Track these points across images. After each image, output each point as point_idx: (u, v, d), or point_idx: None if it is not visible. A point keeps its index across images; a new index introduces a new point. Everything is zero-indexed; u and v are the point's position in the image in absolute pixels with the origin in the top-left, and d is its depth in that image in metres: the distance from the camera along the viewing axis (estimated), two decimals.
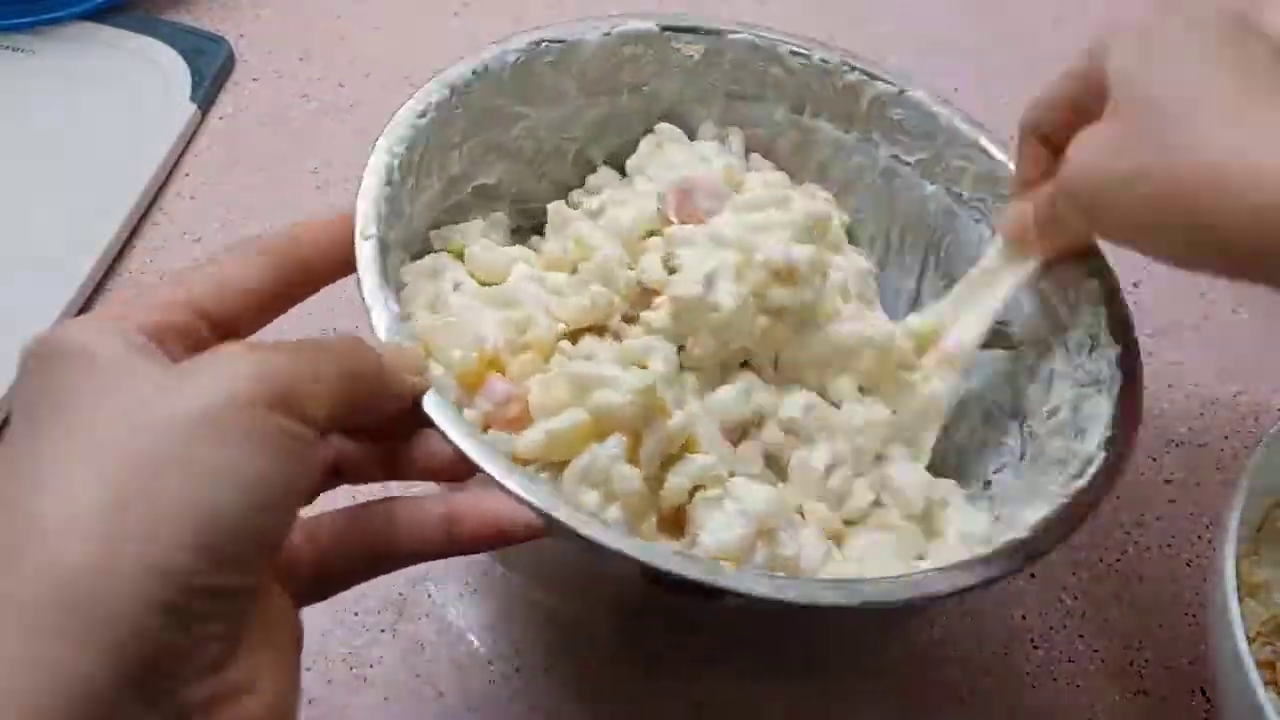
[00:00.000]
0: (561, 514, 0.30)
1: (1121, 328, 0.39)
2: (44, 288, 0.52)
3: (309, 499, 0.26)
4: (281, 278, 0.31)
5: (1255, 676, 0.35)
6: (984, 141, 0.44)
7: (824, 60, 0.45)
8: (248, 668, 0.24)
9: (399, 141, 0.39)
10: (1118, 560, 0.46)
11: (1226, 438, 0.50)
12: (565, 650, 0.43)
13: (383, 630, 0.44)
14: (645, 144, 0.47)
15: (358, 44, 0.65)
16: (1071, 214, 0.35)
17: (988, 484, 0.41)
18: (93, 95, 0.61)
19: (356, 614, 0.44)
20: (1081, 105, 0.35)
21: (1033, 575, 0.45)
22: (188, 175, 0.59)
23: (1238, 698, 0.36)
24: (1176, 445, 0.49)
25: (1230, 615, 0.36)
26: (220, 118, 0.62)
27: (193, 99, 0.61)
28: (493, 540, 0.30)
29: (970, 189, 0.44)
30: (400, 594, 0.44)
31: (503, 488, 0.30)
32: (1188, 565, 0.46)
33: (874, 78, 0.45)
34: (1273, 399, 0.51)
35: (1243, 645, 0.35)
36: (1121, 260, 0.55)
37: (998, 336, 0.43)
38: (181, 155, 0.60)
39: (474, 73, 0.42)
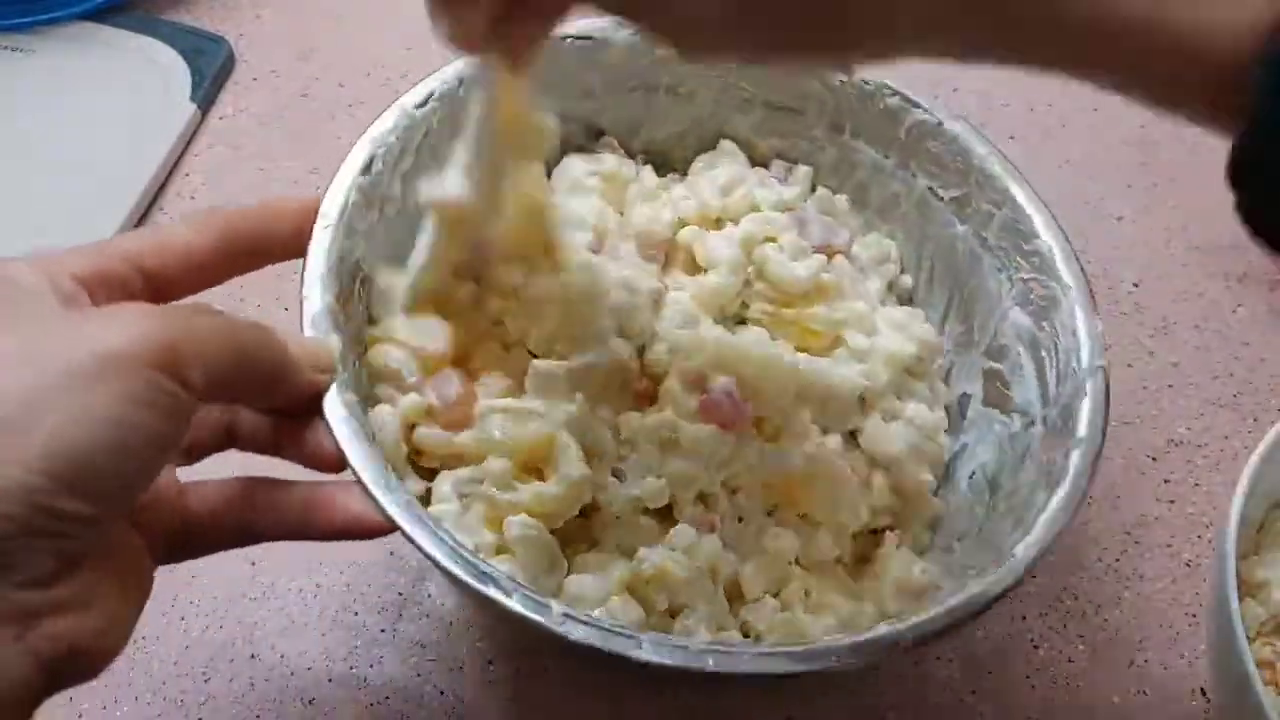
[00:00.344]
0: (405, 521, 0.31)
1: (1093, 415, 0.36)
2: None
3: (188, 459, 0.28)
4: (225, 244, 0.33)
5: (1255, 676, 0.35)
6: (1013, 189, 0.42)
7: (864, 81, 0.44)
8: (82, 590, 0.26)
9: (388, 131, 0.40)
10: (1117, 560, 0.46)
11: (1226, 438, 0.50)
12: (565, 650, 0.43)
13: (383, 630, 0.44)
14: (700, 161, 0.47)
15: (358, 44, 0.65)
16: None
17: (950, 549, 0.40)
18: (93, 95, 0.61)
19: (356, 614, 0.44)
20: None
21: (1033, 575, 0.45)
22: (188, 175, 0.59)
23: (1238, 698, 0.36)
24: (1176, 445, 0.49)
25: (1230, 615, 0.36)
26: (220, 118, 0.62)
27: (193, 99, 0.61)
28: (341, 532, 0.33)
29: (995, 236, 0.42)
30: (400, 594, 0.44)
31: (363, 487, 0.32)
32: (1187, 565, 0.46)
33: (913, 104, 0.44)
34: (1273, 399, 0.51)
35: (1243, 645, 0.35)
36: (1121, 261, 0.55)
37: (1000, 397, 0.41)
38: (181, 155, 0.60)
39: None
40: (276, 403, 0.33)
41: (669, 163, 0.48)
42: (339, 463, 0.33)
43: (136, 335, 0.26)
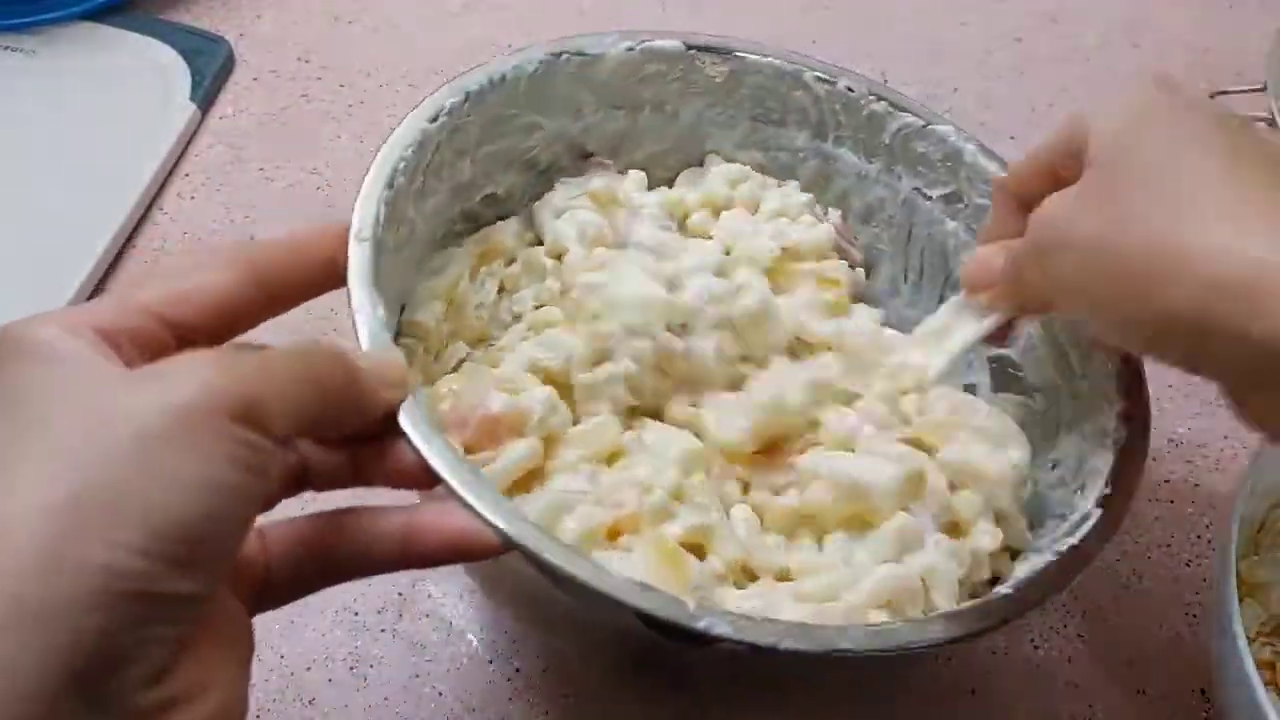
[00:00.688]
0: (522, 535, 0.29)
1: (1133, 380, 0.38)
2: (45, 288, 0.52)
3: (265, 508, 0.26)
4: (253, 290, 0.30)
5: (1255, 676, 0.35)
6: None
7: (849, 88, 0.45)
8: (197, 674, 0.24)
9: (406, 145, 0.39)
10: (1118, 560, 0.46)
11: (1226, 437, 0.50)
12: (565, 650, 0.43)
13: (383, 630, 0.44)
14: (686, 175, 0.48)
15: (358, 44, 0.66)
16: (1033, 272, 0.34)
17: None
18: (93, 95, 0.61)
19: (357, 614, 0.44)
20: (1058, 171, 0.34)
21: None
22: (188, 175, 0.59)
23: (1238, 698, 0.36)
24: (1176, 445, 0.49)
25: (1230, 615, 0.36)
26: (220, 118, 0.62)
27: (193, 99, 0.61)
28: (450, 556, 0.30)
29: None
30: (400, 594, 0.44)
31: (464, 503, 0.30)
32: (1187, 565, 0.46)
33: (899, 109, 0.44)
34: None
35: (1243, 645, 0.35)
36: None
37: (1010, 380, 0.42)
38: (181, 155, 0.60)
39: (490, 81, 0.42)
40: (351, 430, 0.30)
41: (650, 182, 0.48)
42: (429, 477, 0.30)
43: (206, 386, 0.24)
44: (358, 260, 0.34)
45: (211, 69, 0.62)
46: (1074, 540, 0.34)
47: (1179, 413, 0.50)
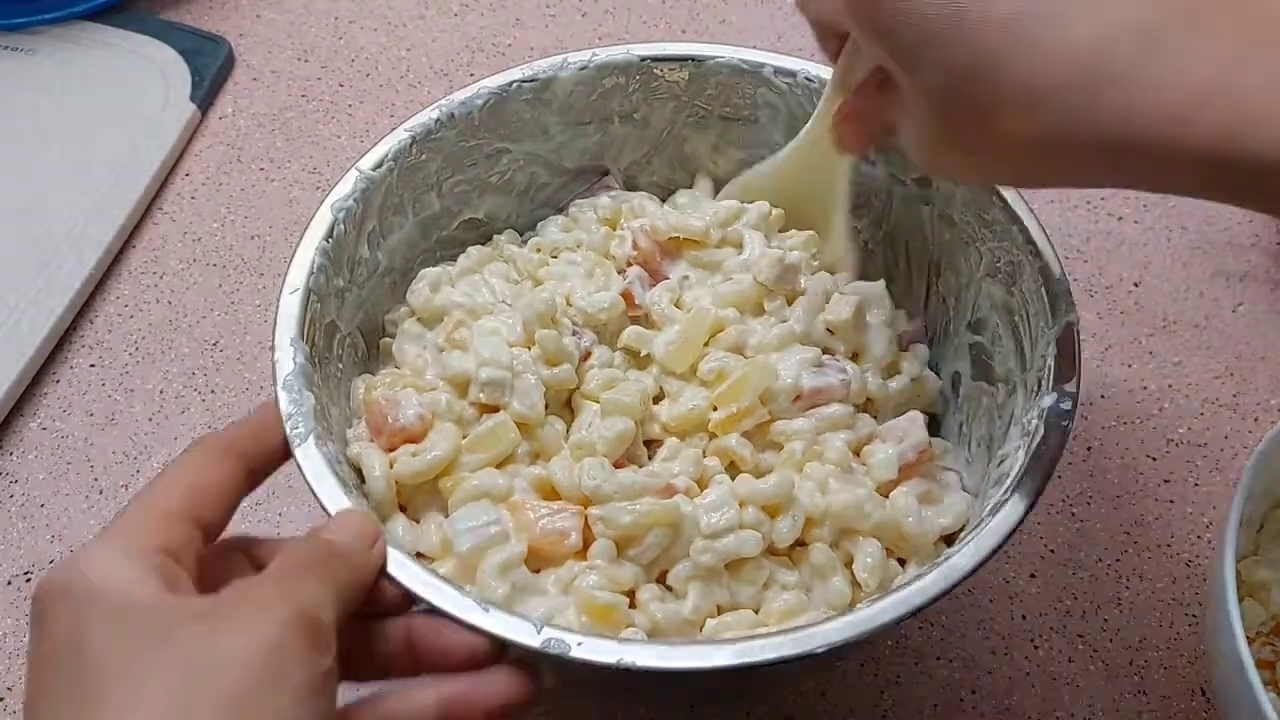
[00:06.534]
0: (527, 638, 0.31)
1: (1064, 372, 0.36)
2: (46, 287, 0.52)
3: None
4: (245, 477, 0.33)
5: (1255, 676, 0.35)
6: None
7: (808, 80, 0.45)
8: None
9: (346, 195, 0.41)
10: (1118, 560, 0.46)
11: (1226, 438, 0.50)
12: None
13: None
14: (683, 195, 0.48)
15: (358, 44, 0.66)
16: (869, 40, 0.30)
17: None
18: (93, 95, 0.61)
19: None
20: None
21: (1033, 575, 0.45)
22: (188, 175, 0.59)
23: (1238, 698, 0.36)
24: (1176, 445, 0.49)
25: (1230, 615, 0.36)
26: (220, 118, 0.62)
27: (193, 99, 0.61)
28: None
29: (959, 211, 0.43)
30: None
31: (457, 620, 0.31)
32: (1188, 565, 0.46)
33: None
34: (1273, 399, 0.51)
35: (1243, 645, 0.35)
36: (1121, 259, 0.56)
37: (985, 369, 0.42)
38: (181, 155, 0.60)
39: (437, 120, 0.44)
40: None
41: (636, 188, 0.49)
42: (474, 658, 0.32)
43: (282, 625, 0.26)
44: (284, 313, 0.37)
45: (211, 69, 0.62)
46: (953, 554, 0.32)
47: (1179, 412, 0.50)
